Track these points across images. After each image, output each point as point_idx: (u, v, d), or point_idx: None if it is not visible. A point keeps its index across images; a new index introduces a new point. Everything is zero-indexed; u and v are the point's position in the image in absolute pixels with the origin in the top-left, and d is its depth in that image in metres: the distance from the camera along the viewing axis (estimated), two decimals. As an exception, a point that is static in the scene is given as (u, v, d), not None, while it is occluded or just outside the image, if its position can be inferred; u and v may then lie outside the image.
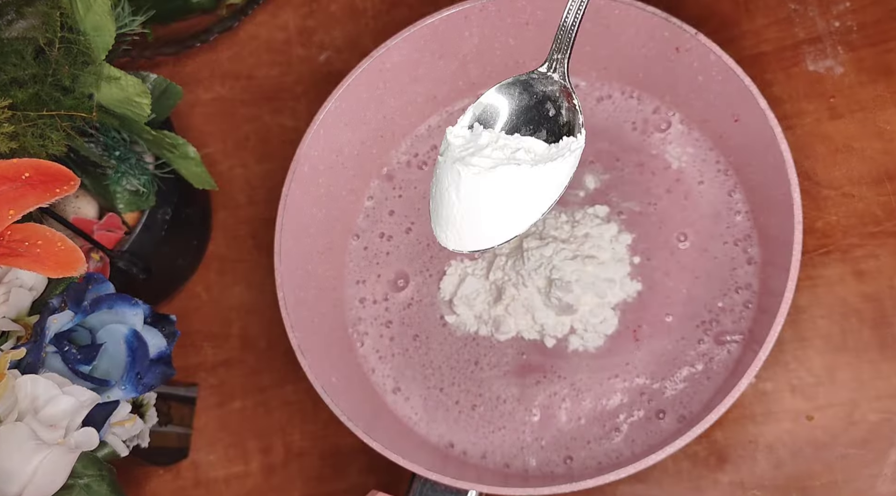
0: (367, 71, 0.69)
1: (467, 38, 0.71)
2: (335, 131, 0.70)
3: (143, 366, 0.56)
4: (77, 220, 0.70)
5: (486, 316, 0.69)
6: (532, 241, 0.68)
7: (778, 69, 0.74)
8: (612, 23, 0.68)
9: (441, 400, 0.69)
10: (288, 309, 0.65)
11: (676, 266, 0.68)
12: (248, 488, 0.74)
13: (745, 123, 0.65)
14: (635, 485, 0.67)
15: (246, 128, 0.84)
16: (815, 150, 0.71)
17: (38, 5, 0.62)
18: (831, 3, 0.75)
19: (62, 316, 0.55)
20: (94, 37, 0.63)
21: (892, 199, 0.69)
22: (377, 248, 0.74)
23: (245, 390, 0.76)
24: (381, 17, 0.85)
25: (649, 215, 0.70)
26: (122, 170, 0.68)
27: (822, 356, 0.67)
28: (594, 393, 0.66)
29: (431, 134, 0.76)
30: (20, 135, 0.59)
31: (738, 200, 0.68)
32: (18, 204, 0.50)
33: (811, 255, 0.69)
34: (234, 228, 0.81)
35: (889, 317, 0.67)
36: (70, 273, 0.51)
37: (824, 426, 0.66)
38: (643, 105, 0.72)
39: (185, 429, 0.75)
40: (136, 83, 0.63)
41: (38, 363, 0.53)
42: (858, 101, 0.72)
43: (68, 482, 0.51)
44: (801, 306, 0.68)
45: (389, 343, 0.71)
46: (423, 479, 0.61)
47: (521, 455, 0.66)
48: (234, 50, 0.87)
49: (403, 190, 0.75)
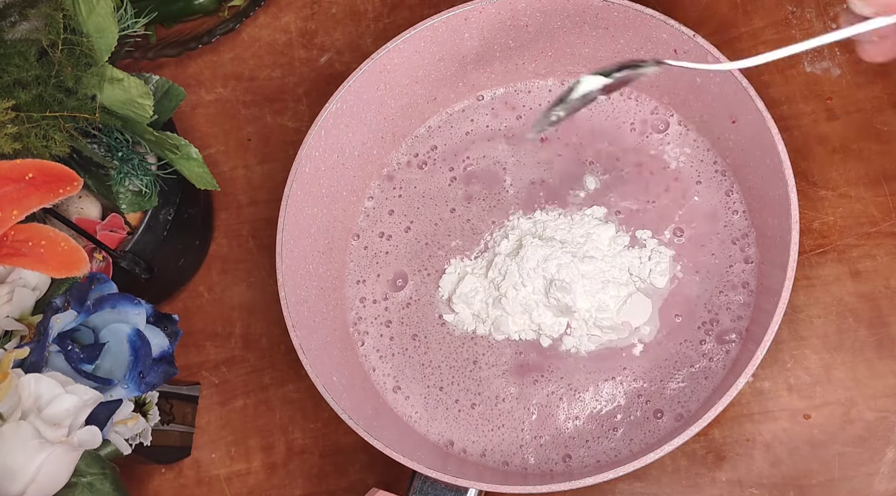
0: (368, 72, 0.70)
1: (467, 39, 0.71)
2: (336, 132, 0.70)
3: (145, 365, 0.56)
4: (80, 221, 0.70)
5: (484, 314, 0.69)
6: (531, 241, 0.68)
7: (775, 71, 0.74)
8: (610, 25, 0.68)
9: (441, 398, 0.69)
10: (289, 308, 0.65)
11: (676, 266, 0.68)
12: (249, 486, 0.74)
13: (743, 124, 0.65)
14: (634, 483, 0.68)
15: (248, 129, 0.85)
16: (813, 151, 0.72)
17: (42, 7, 0.62)
18: (828, 5, 0.75)
19: (65, 315, 0.55)
20: (97, 38, 0.63)
21: (889, 199, 0.70)
22: (377, 247, 0.74)
23: (247, 389, 0.77)
24: (382, 19, 0.85)
25: (648, 215, 0.70)
26: (125, 170, 0.68)
27: (818, 355, 0.67)
28: (592, 392, 0.67)
29: (431, 134, 0.76)
30: (24, 136, 0.59)
31: (735, 200, 0.69)
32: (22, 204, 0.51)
33: (808, 255, 0.70)
34: (235, 228, 0.82)
35: (885, 317, 0.67)
36: (73, 273, 0.51)
37: (821, 424, 0.66)
38: (642, 106, 0.73)
39: (187, 428, 0.75)
40: (138, 84, 0.64)
41: (41, 362, 0.53)
42: (855, 102, 0.72)
43: (71, 480, 0.51)
44: (798, 306, 0.69)
45: (389, 342, 0.71)
46: (423, 477, 0.61)
47: (520, 453, 0.67)
48: (236, 51, 0.87)
49: (403, 190, 0.75)
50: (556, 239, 0.69)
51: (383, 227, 0.75)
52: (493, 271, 0.69)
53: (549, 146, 0.74)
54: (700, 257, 0.68)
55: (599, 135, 0.73)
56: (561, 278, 0.66)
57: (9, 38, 0.62)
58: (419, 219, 0.74)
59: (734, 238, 0.68)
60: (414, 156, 0.76)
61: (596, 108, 0.74)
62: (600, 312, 0.67)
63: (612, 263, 0.68)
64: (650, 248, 0.69)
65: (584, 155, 0.73)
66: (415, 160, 0.76)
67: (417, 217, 0.74)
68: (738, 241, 0.68)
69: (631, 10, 0.66)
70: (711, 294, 0.67)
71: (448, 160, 0.75)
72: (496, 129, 0.75)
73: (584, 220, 0.70)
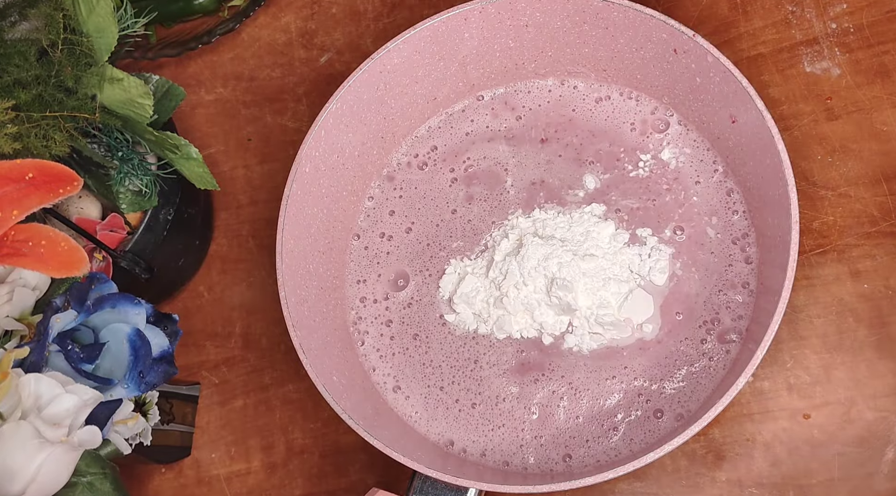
0: (368, 72, 0.70)
1: (467, 39, 0.71)
2: (336, 132, 0.70)
3: (145, 364, 0.56)
4: (80, 221, 0.70)
5: (485, 314, 0.70)
6: (532, 240, 0.68)
7: (775, 71, 0.74)
8: (610, 24, 0.68)
9: (441, 398, 0.69)
10: (289, 308, 0.65)
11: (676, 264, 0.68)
12: (249, 486, 0.74)
13: (743, 124, 0.65)
14: (634, 482, 0.68)
15: (248, 129, 0.85)
16: (812, 150, 0.72)
17: (42, 7, 0.62)
18: (828, 5, 0.75)
19: (65, 315, 0.55)
20: (97, 38, 0.63)
21: (889, 199, 0.70)
22: (377, 247, 0.74)
23: (247, 389, 0.77)
24: (382, 19, 0.85)
25: (648, 213, 0.70)
26: (125, 170, 0.68)
27: (818, 355, 0.67)
28: (592, 392, 0.67)
29: (431, 135, 0.76)
30: (24, 136, 0.59)
31: (735, 200, 0.69)
32: (22, 204, 0.51)
33: (808, 255, 0.70)
34: (235, 228, 0.82)
35: (885, 317, 0.67)
36: (73, 273, 0.51)
37: (821, 424, 0.66)
38: (642, 106, 0.73)
39: (187, 428, 0.75)
40: (138, 84, 0.64)
41: (41, 362, 0.53)
42: (855, 102, 0.72)
43: (71, 480, 0.51)
44: (798, 305, 0.69)
45: (390, 342, 0.71)
46: (423, 477, 0.61)
47: (521, 453, 0.67)
48: (236, 51, 0.87)
49: (404, 190, 0.75)
50: (556, 237, 0.69)
51: (384, 227, 0.75)
52: (494, 271, 0.69)
53: (549, 146, 0.74)
54: (700, 255, 0.68)
55: (599, 135, 0.73)
56: (562, 277, 0.66)
57: (9, 38, 0.62)
58: (420, 220, 0.74)
59: (734, 238, 0.68)
60: (414, 156, 0.76)
61: (596, 108, 0.74)
62: (601, 309, 0.67)
63: (613, 261, 0.68)
64: (650, 246, 0.69)
65: (585, 155, 0.73)
66: (415, 161, 0.76)
67: (419, 218, 0.74)
68: (738, 241, 0.68)
69: (631, 10, 0.66)
70: (711, 292, 0.67)
71: (448, 161, 0.75)
72: (496, 130, 0.75)
73: (584, 218, 0.70)
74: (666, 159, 0.71)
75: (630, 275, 0.68)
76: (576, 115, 0.74)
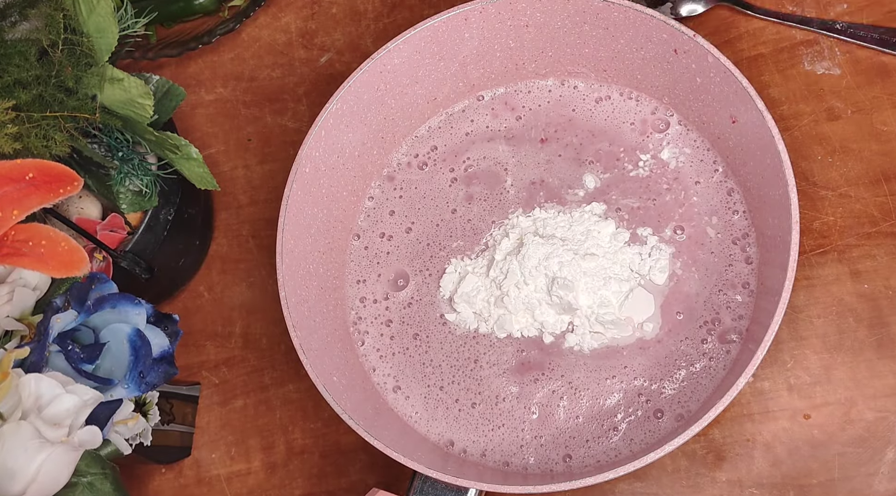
0: (368, 72, 0.70)
1: (467, 39, 0.71)
2: (336, 132, 0.70)
3: (145, 365, 0.56)
4: (80, 221, 0.70)
5: (485, 313, 0.70)
6: (532, 239, 0.68)
7: (775, 71, 0.74)
8: (610, 25, 0.68)
9: (441, 398, 0.69)
10: (289, 308, 0.65)
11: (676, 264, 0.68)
12: (249, 486, 0.74)
13: (743, 124, 0.65)
14: (634, 483, 0.68)
15: (248, 129, 0.85)
16: (813, 151, 0.72)
17: (42, 7, 0.62)
18: (828, 5, 0.75)
19: (65, 315, 0.55)
20: (97, 38, 0.63)
21: (889, 199, 0.70)
22: (377, 247, 0.74)
23: (247, 389, 0.77)
24: (382, 19, 0.85)
25: (648, 213, 0.70)
26: (125, 170, 0.68)
27: (818, 355, 0.67)
28: (592, 391, 0.67)
29: (431, 135, 0.76)
30: (24, 136, 0.60)
31: (735, 200, 0.69)
32: (22, 204, 0.51)
33: (808, 255, 0.70)
34: (236, 228, 0.82)
35: (885, 317, 0.67)
36: (73, 273, 0.51)
37: (821, 425, 0.66)
38: (642, 106, 0.73)
39: (187, 428, 0.75)
40: (138, 84, 0.64)
41: (41, 362, 0.53)
42: (855, 102, 0.72)
43: (72, 480, 0.51)
44: (798, 306, 0.69)
45: (390, 342, 0.71)
46: (423, 477, 0.61)
47: (521, 453, 0.67)
48: (236, 51, 0.87)
49: (404, 190, 0.75)
50: (557, 236, 0.69)
51: (384, 227, 0.75)
52: (495, 270, 0.69)
53: (549, 146, 0.74)
54: (700, 255, 0.68)
55: (599, 134, 0.73)
56: (563, 276, 0.66)
57: (9, 38, 0.62)
58: (420, 220, 0.74)
59: (734, 238, 0.68)
60: (414, 156, 0.76)
61: (596, 108, 0.74)
62: (602, 308, 0.67)
63: (613, 260, 0.68)
64: (650, 245, 0.69)
65: (584, 155, 0.73)
66: (415, 161, 0.76)
67: (419, 218, 0.74)
68: (738, 241, 0.68)
69: (631, 10, 0.66)
70: (711, 292, 0.67)
71: (448, 161, 0.75)
72: (496, 130, 0.75)
73: (584, 217, 0.70)
74: (666, 159, 0.71)
75: (630, 274, 0.68)
76: (576, 115, 0.74)
